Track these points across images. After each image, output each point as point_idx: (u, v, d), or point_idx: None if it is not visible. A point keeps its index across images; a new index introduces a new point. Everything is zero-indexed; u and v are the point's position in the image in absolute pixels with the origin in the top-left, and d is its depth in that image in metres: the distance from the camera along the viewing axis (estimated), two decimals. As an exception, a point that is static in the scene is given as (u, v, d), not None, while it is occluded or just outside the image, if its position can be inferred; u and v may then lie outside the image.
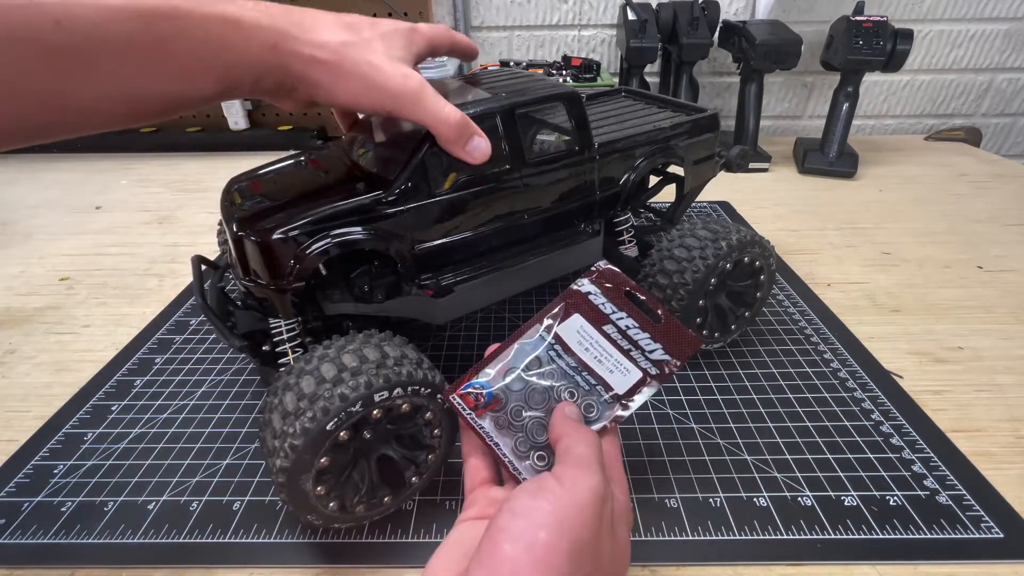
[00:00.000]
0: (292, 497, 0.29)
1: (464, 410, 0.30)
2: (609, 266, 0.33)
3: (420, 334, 0.52)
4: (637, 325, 0.32)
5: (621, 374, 0.31)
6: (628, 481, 0.28)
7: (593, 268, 0.33)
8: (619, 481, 0.27)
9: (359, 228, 0.35)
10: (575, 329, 0.32)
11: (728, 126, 1.09)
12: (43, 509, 0.37)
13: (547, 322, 0.32)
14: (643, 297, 0.32)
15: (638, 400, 0.30)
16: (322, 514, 0.31)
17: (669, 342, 0.31)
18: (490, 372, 0.31)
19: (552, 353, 0.31)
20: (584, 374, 0.31)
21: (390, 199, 0.36)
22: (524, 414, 0.30)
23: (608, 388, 0.30)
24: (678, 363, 0.31)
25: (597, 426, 0.29)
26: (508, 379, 0.30)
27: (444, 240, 0.39)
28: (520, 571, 0.20)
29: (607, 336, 0.32)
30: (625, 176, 0.46)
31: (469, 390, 0.30)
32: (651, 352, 0.31)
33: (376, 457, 0.32)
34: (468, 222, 0.39)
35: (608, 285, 0.33)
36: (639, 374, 0.31)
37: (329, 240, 0.34)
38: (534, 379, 0.31)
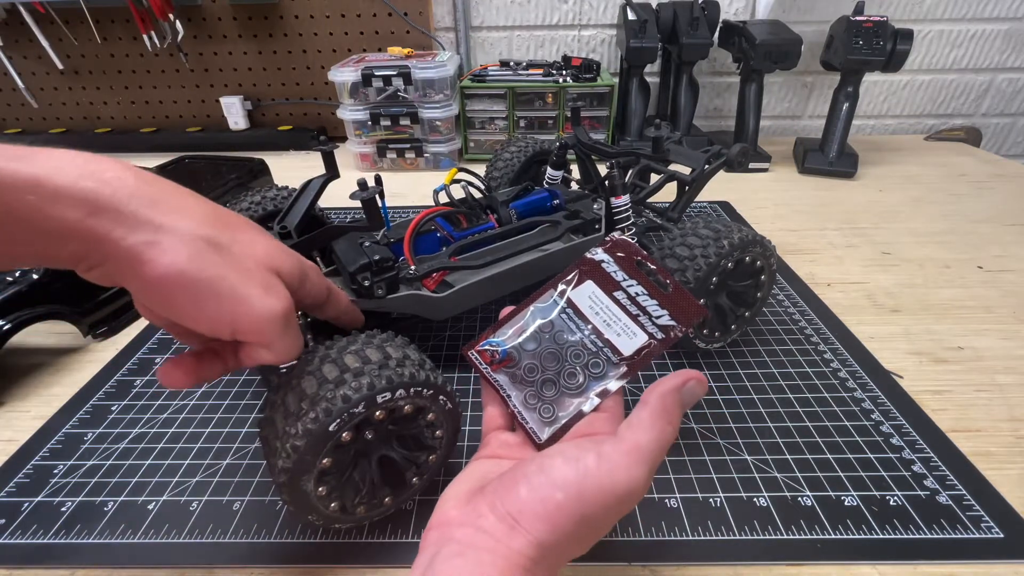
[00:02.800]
0: (293, 497, 0.29)
1: (481, 365, 0.33)
2: (623, 237, 0.35)
3: (420, 331, 0.52)
4: (646, 292, 0.33)
5: (628, 337, 0.32)
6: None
7: (607, 238, 0.35)
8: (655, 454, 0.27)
9: None
10: (587, 294, 0.34)
11: (728, 126, 1.09)
12: (43, 509, 0.37)
13: (561, 287, 0.34)
14: (653, 267, 0.34)
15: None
16: (323, 514, 0.31)
17: (676, 309, 0.32)
18: (506, 332, 0.33)
19: (564, 316, 0.34)
20: (593, 337, 0.33)
21: None
22: (536, 372, 0.32)
23: (615, 351, 0.32)
24: (683, 329, 0.32)
25: (600, 385, 0.31)
26: (522, 339, 0.33)
27: None
28: (525, 515, 0.23)
29: (617, 301, 0.33)
30: None
31: (486, 347, 0.33)
32: (658, 318, 0.32)
33: (377, 457, 0.32)
34: None
35: (620, 254, 0.35)
36: (645, 338, 0.32)
37: None
38: (546, 340, 0.33)
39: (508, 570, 0.22)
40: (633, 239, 0.51)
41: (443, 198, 0.51)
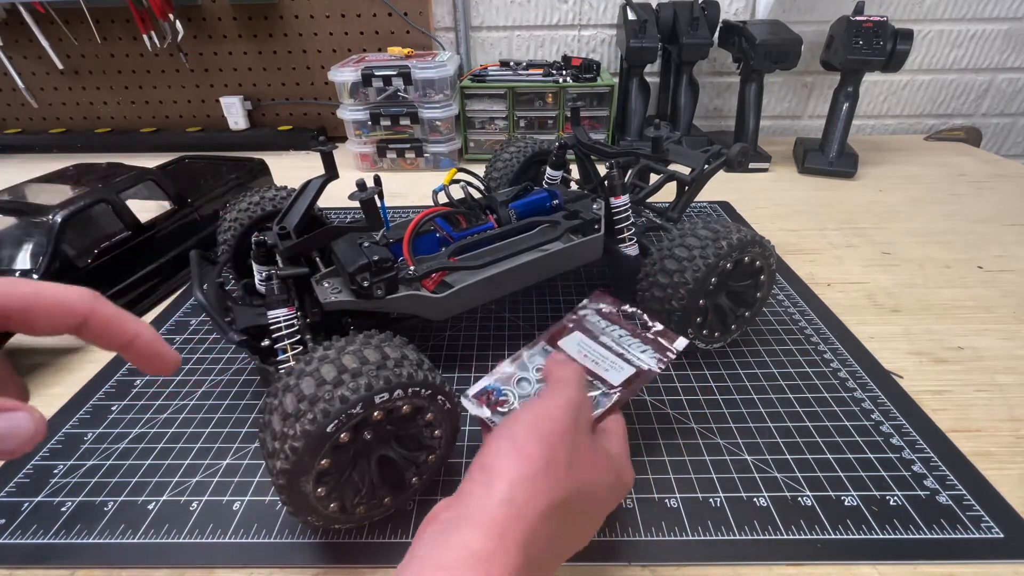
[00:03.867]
0: (292, 498, 0.29)
1: (478, 409, 0.34)
2: (601, 291, 0.42)
3: (420, 332, 0.52)
4: (628, 333, 0.39)
5: (616, 371, 0.36)
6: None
7: (591, 296, 0.42)
8: (619, 443, 0.31)
9: None
10: (575, 342, 0.38)
11: (728, 126, 1.09)
12: (43, 509, 0.37)
13: (549, 338, 0.39)
14: (634, 310, 0.40)
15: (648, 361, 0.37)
16: (322, 515, 0.31)
17: (657, 344, 0.38)
18: (501, 375, 0.36)
19: None
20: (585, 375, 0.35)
21: None
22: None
23: (606, 384, 0.35)
24: (665, 361, 0.37)
25: (599, 411, 0.33)
26: (516, 382, 0.35)
27: None
28: (501, 455, 0.25)
29: (603, 345, 0.38)
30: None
31: (481, 392, 0.34)
32: (642, 353, 0.37)
33: (376, 458, 0.32)
34: None
35: (602, 306, 0.41)
36: (632, 370, 0.36)
37: None
38: (539, 382, 0.35)
39: (489, 527, 0.22)
40: (632, 239, 0.51)
41: (442, 198, 0.51)
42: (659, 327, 0.39)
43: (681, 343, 0.37)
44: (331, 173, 0.46)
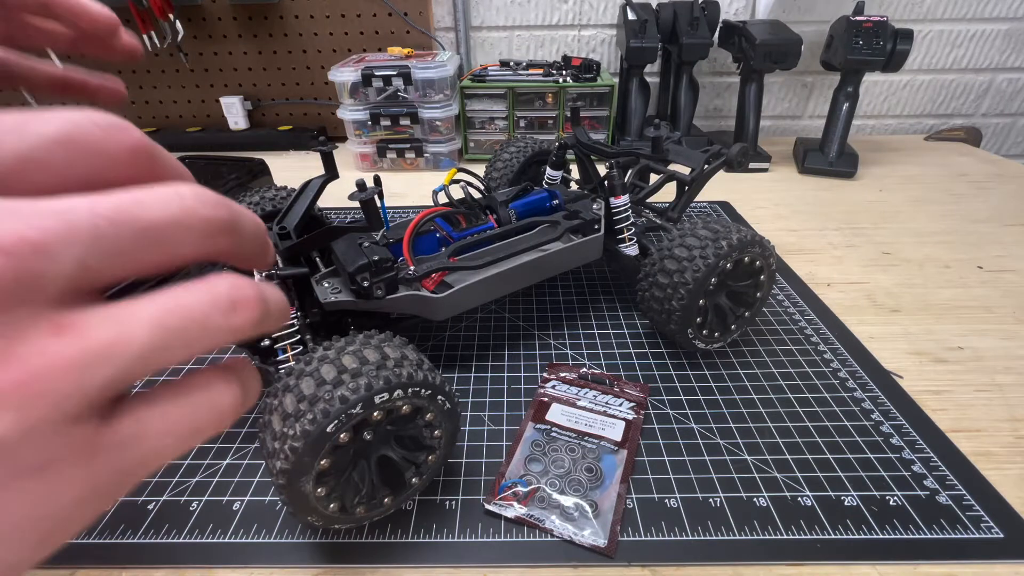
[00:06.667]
0: (292, 498, 0.29)
1: (510, 510, 0.35)
2: (555, 362, 0.46)
3: (420, 332, 0.52)
4: (599, 392, 0.43)
5: (611, 428, 0.40)
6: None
7: (547, 369, 0.46)
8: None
9: None
10: (559, 413, 0.41)
11: (728, 126, 1.09)
12: (43, 509, 0.36)
13: (534, 418, 0.41)
14: (592, 372, 0.45)
15: None
16: (322, 515, 0.31)
17: (627, 395, 0.43)
18: (513, 469, 0.37)
19: (554, 435, 0.40)
20: (585, 439, 0.39)
21: None
22: (556, 482, 0.36)
23: (609, 440, 0.39)
24: (642, 409, 0.42)
25: (617, 477, 0.36)
26: (530, 465, 0.38)
27: None
28: None
29: (584, 408, 0.42)
30: None
31: (505, 491, 0.35)
32: (620, 406, 0.42)
33: (376, 458, 0.32)
34: None
35: (564, 375, 0.45)
36: (623, 422, 0.40)
37: None
38: (545, 455, 0.38)
39: None
40: (632, 239, 0.51)
41: (442, 198, 0.51)
42: (618, 381, 0.44)
43: None
44: (331, 173, 0.46)
